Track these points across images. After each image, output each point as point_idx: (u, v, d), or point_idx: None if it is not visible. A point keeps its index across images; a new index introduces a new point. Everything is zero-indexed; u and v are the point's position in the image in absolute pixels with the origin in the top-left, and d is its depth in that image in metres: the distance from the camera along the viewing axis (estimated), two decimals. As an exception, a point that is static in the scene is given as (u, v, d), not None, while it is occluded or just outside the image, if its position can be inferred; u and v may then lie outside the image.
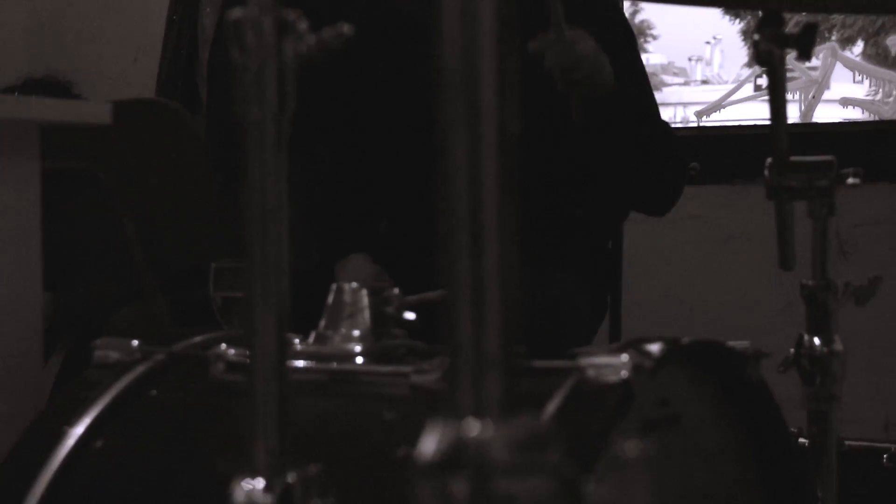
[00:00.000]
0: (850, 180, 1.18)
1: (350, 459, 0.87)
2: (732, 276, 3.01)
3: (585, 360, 0.87)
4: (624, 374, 0.84)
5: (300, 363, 0.99)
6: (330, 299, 1.07)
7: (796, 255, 1.27)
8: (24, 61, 3.33)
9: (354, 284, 1.06)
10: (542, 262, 1.74)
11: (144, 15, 3.39)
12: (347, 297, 1.06)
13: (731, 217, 3.09)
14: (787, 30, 1.15)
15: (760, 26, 1.12)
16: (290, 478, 0.64)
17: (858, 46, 3.16)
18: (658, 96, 3.45)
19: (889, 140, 2.99)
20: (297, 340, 1.04)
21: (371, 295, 1.06)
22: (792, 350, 1.26)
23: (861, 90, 3.17)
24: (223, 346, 1.02)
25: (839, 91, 3.17)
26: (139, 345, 1.06)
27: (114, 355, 1.06)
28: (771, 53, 1.07)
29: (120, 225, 1.22)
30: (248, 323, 0.66)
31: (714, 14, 3.33)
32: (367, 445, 0.90)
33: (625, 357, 0.86)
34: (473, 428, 0.42)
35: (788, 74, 1.20)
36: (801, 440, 1.26)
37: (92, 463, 1.00)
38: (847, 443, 1.78)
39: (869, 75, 3.13)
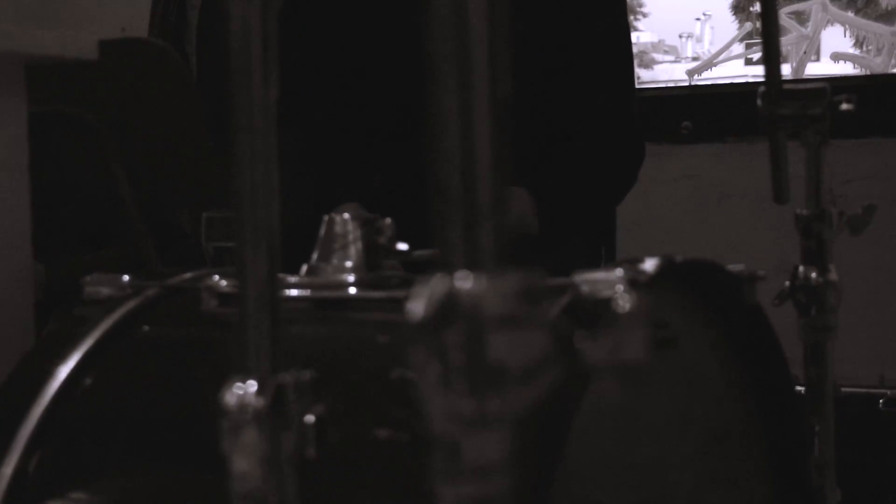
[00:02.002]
0: (844, 106, 1.17)
1: (343, 381, 0.86)
2: (726, 234, 3.00)
3: (580, 277, 0.86)
4: (619, 287, 0.83)
5: (292, 292, 0.98)
6: (321, 231, 1.06)
7: (790, 188, 1.27)
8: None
9: (346, 215, 1.05)
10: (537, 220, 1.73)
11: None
12: (339, 229, 1.05)
13: (724, 175, 3.09)
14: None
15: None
16: (283, 380, 0.63)
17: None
18: (649, 74, 3.44)
19: (880, 94, 2.99)
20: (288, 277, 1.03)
21: (363, 226, 1.05)
22: (787, 283, 1.25)
23: (849, 44, 3.15)
24: (215, 278, 1.01)
25: (830, 46, 3.16)
26: (130, 280, 1.05)
27: (104, 291, 1.05)
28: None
29: (109, 169, 1.21)
30: (239, 256, 0.65)
31: None
32: (361, 368, 0.89)
33: (619, 271, 0.85)
34: (466, 281, 0.41)
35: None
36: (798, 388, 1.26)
37: (82, 399, 0.99)
38: (843, 389, 1.77)
39: (860, 29, 3.12)
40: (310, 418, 0.63)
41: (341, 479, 0.82)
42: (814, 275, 1.20)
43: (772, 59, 1.20)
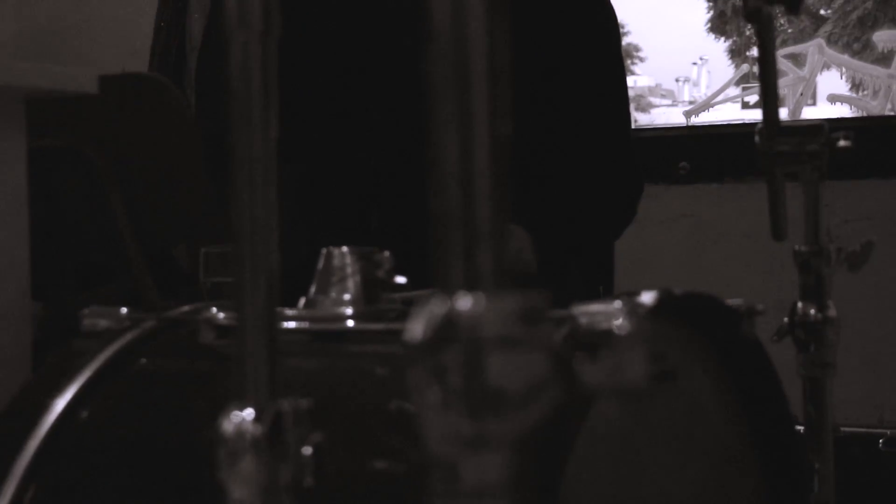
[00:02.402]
0: (842, 143, 1.18)
1: (340, 412, 0.86)
2: (723, 272, 3.00)
3: (578, 309, 0.86)
4: (618, 317, 0.83)
5: (289, 324, 0.98)
6: (319, 265, 1.06)
7: (787, 225, 1.27)
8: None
9: (345, 249, 1.05)
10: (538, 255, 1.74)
11: (132, 22, 3.39)
12: (337, 262, 1.06)
13: (721, 215, 3.09)
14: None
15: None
16: (281, 407, 0.63)
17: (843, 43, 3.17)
18: (646, 118, 3.46)
19: (878, 136, 3.00)
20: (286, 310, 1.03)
21: (361, 259, 1.05)
22: (786, 319, 1.25)
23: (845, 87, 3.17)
24: (213, 310, 1.01)
25: (827, 88, 3.18)
26: (128, 312, 1.05)
27: (102, 323, 1.05)
28: (759, 10, 1.06)
29: (108, 204, 1.21)
30: (237, 286, 0.64)
31: (700, 34, 3.35)
32: (358, 400, 0.89)
33: (618, 303, 0.85)
34: (465, 302, 0.41)
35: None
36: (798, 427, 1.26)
37: (78, 433, 0.98)
38: (843, 429, 1.77)
39: (856, 72, 3.14)
40: (307, 448, 0.63)
41: (339, 510, 0.82)
42: (812, 311, 1.21)
43: (769, 95, 1.21)
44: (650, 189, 2.08)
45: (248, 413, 0.63)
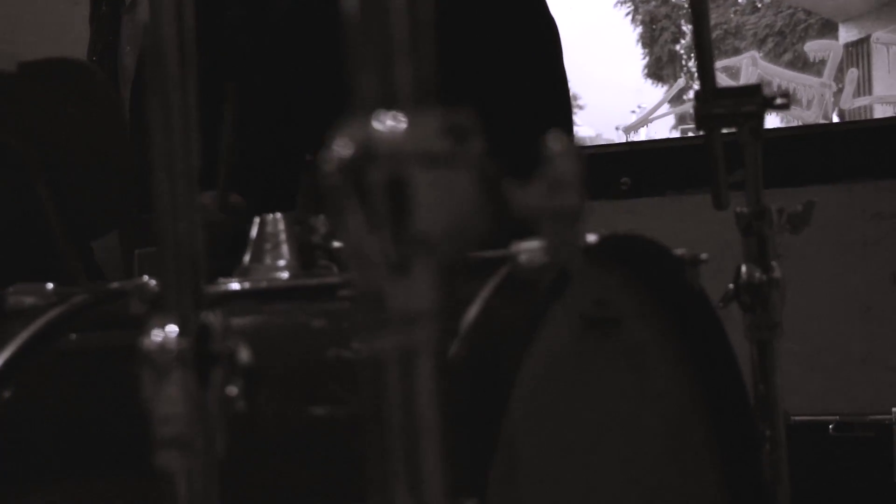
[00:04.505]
0: (779, 100, 1.17)
1: (277, 362, 0.83)
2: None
3: (516, 247, 0.84)
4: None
5: (226, 286, 0.95)
6: (253, 232, 1.03)
7: (728, 193, 1.26)
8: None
9: (278, 215, 1.03)
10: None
11: (63, 55, 3.34)
12: (270, 229, 1.03)
13: (664, 227, 3.09)
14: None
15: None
16: (207, 319, 0.60)
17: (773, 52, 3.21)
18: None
19: (814, 145, 3.03)
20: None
21: (296, 224, 1.03)
22: (731, 285, 1.24)
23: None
24: (144, 278, 0.98)
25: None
26: (55, 288, 1.01)
27: (28, 300, 1.01)
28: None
29: (34, 195, 1.17)
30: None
31: (639, 81, 3.37)
32: (296, 350, 0.86)
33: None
34: (385, 120, 0.39)
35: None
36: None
37: (4, 411, 0.94)
38: (794, 418, 1.76)
39: (790, 82, 3.17)
40: (241, 357, 0.60)
41: (276, 455, 0.79)
42: (757, 273, 1.19)
43: (705, 59, 1.20)
44: (593, 205, 2.06)
45: (171, 329, 0.60)
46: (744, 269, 1.21)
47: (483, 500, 0.72)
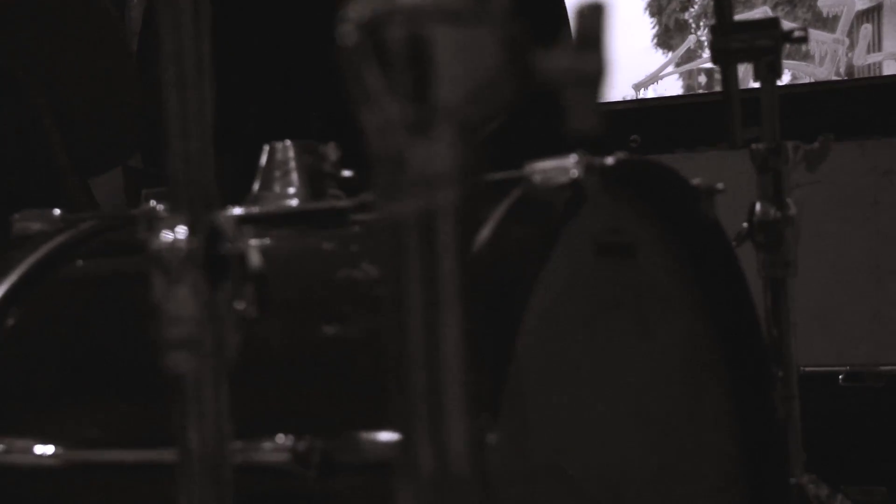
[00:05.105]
0: (797, 33, 1.15)
1: (287, 283, 0.81)
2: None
3: (531, 168, 0.82)
4: (574, 173, 0.80)
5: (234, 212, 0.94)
6: (262, 160, 1.02)
7: (744, 131, 1.24)
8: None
9: (287, 142, 1.01)
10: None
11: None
12: (280, 156, 1.01)
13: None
14: None
15: None
16: (217, 219, 0.58)
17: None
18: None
19: (826, 101, 3.00)
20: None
21: (306, 152, 1.01)
22: (745, 224, 1.22)
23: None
24: (152, 202, 0.96)
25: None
26: (62, 214, 1.00)
27: (35, 226, 1.00)
28: None
29: (39, 125, 1.16)
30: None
31: (648, 50, 3.35)
32: (305, 271, 0.84)
33: (573, 158, 0.81)
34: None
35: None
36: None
37: (7, 335, 0.93)
38: (805, 369, 1.76)
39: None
40: (251, 261, 0.59)
41: (288, 374, 0.78)
42: (772, 211, 1.18)
43: (721, -7, 1.18)
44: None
45: (181, 229, 0.58)
46: (758, 206, 1.19)
47: (495, 418, 0.71)
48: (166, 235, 0.58)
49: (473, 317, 0.43)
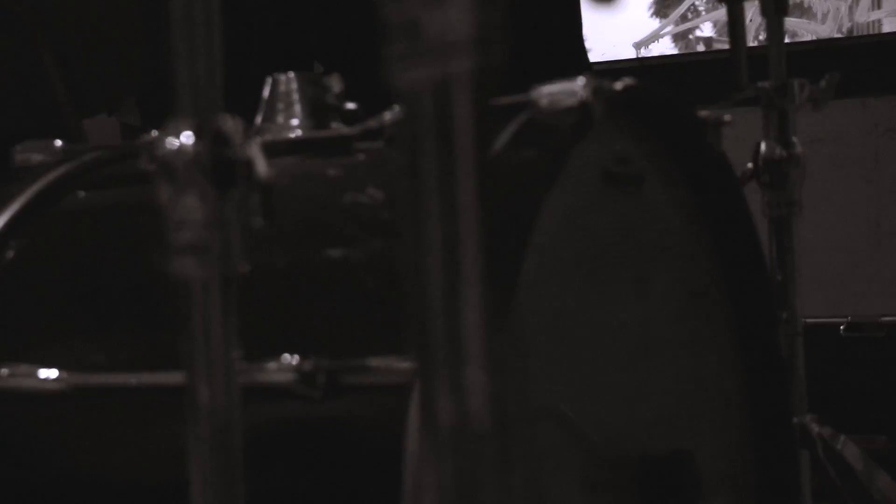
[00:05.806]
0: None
1: (291, 207, 0.81)
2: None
3: (538, 91, 0.81)
4: (582, 95, 0.79)
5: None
6: (265, 92, 1.01)
7: (747, 69, 1.23)
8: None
9: (291, 74, 1.00)
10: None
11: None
12: (283, 88, 1.01)
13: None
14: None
15: None
16: (224, 124, 0.58)
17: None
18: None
19: (829, 60, 2.99)
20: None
21: (309, 84, 1.00)
22: (749, 164, 1.22)
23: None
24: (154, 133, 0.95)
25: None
26: (64, 145, 0.99)
27: (36, 157, 0.99)
28: None
29: (40, 64, 1.15)
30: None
31: (644, 20, 3.33)
32: (311, 196, 0.84)
33: (581, 81, 0.81)
34: None
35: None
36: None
37: (9, 265, 0.93)
38: (807, 321, 1.75)
39: (806, -4, 3.12)
40: (258, 168, 0.58)
41: (294, 295, 0.78)
42: (778, 150, 1.17)
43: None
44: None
45: (187, 134, 0.58)
46: (763, 145, 1.19)
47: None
48: (171, 140, 0.58)
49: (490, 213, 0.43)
